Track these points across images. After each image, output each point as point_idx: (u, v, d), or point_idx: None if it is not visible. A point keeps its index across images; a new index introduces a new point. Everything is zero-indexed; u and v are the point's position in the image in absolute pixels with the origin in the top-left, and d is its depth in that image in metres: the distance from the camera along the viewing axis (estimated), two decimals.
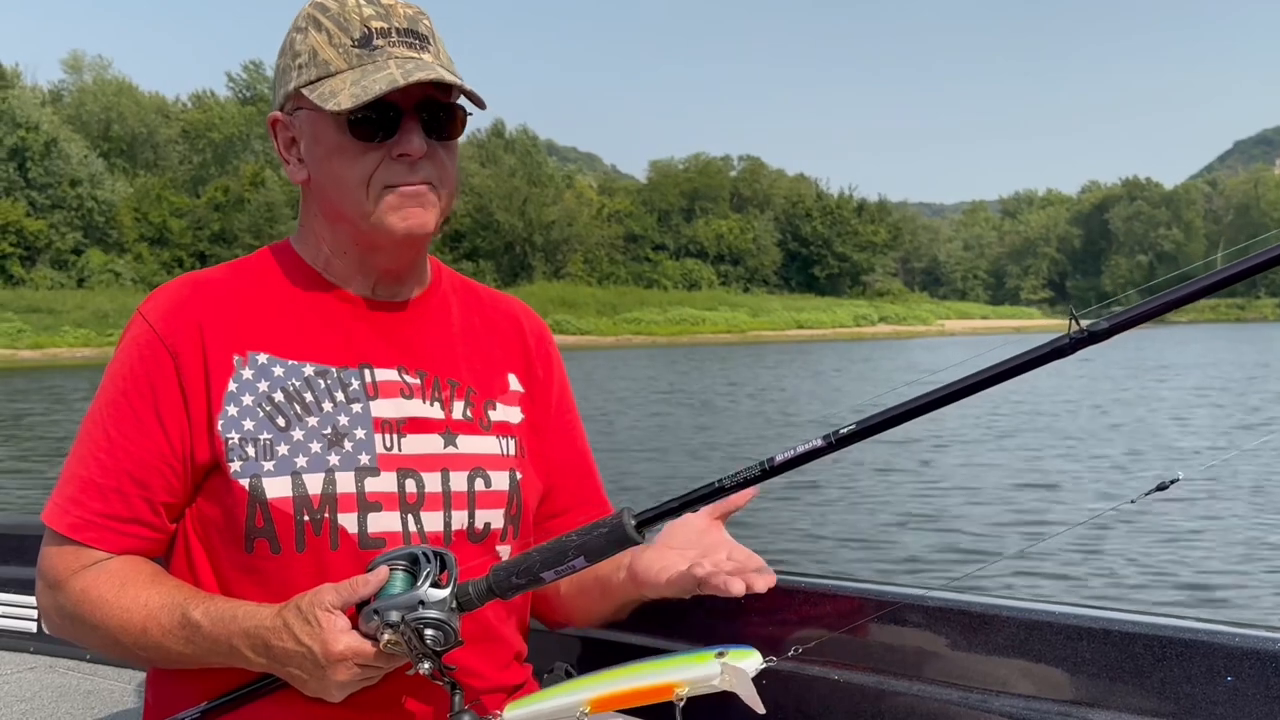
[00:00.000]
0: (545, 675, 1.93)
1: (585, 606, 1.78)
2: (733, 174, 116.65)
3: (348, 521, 1.49)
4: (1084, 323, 1.29)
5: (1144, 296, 1.30)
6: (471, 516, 1.58)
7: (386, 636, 1.35)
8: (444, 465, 1.57)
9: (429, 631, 1.34)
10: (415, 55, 1.50)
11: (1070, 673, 1.51)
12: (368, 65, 1.48)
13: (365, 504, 1.50)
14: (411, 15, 1.53)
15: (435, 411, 1.60)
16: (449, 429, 1.60)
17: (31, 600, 2.71)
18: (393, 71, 1.46)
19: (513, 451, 1.66)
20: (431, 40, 1.53)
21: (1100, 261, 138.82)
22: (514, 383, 1.72)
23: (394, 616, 1.34)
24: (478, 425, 1.63)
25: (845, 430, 1.38)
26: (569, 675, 1.94)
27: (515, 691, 1.68)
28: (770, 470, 1.42)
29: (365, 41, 1.49)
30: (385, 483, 1.52)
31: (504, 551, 1.63)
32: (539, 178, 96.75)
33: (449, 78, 1.48)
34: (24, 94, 76.77)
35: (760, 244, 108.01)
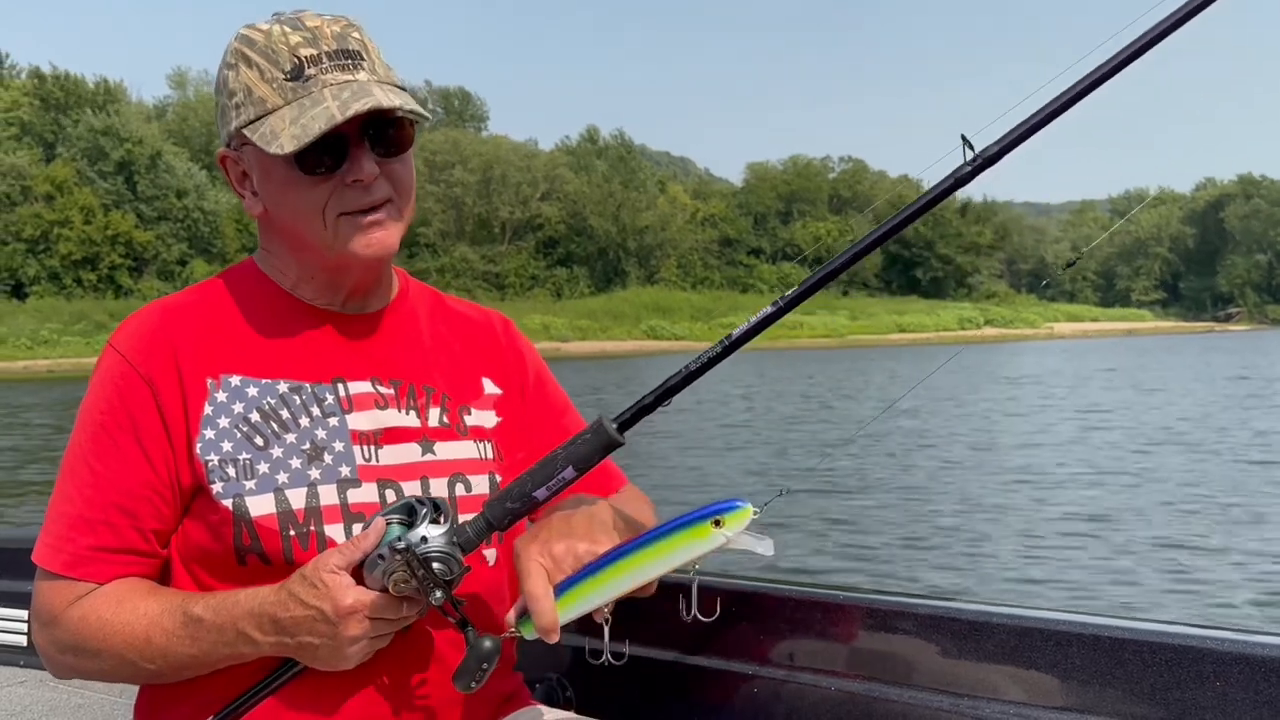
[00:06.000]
0: (537, 685, 1.92)
1: None
2: (832, 176, 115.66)
3: (335, 532, 1.49)
4: (977, 148, 1.44)
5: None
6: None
7: (396, 575, 1.35)
8: (423, 473, 1.57)
9: (436, 565, 1.36)
10: (350, 78, 1.46)
11: (1060, 678, 1.50)
12: (304, 99, 1.45)
13: (349, 515, 1.50)
14: (339, 33, 1.49)
15: (411, 420, 1.59)
16: (426, 437, 1.59)
17: (22, 614, 2.72)
18: (329, 105, 1.43)
19: (490, 455, 1.66)
20: (365, 54, 1.50)
21: (1215, 261, 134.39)
22: (489, 386, 1.72)
23: (400, 545, 1.35)
24: (454, 431, 1.63)
25: (792, 293, 1.48)
26: (561, 685, 1.93)
27: (507, 701, 1.68)
28: (732, 344, 1.48)
29: (297, 73, 1.46)
30: (367, 493, 1.52)
31: (490, 555, 1.63)
32: (633, 183, 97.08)
33: (385, 102, 1.44)
34: (129, 110, 79.62)
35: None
